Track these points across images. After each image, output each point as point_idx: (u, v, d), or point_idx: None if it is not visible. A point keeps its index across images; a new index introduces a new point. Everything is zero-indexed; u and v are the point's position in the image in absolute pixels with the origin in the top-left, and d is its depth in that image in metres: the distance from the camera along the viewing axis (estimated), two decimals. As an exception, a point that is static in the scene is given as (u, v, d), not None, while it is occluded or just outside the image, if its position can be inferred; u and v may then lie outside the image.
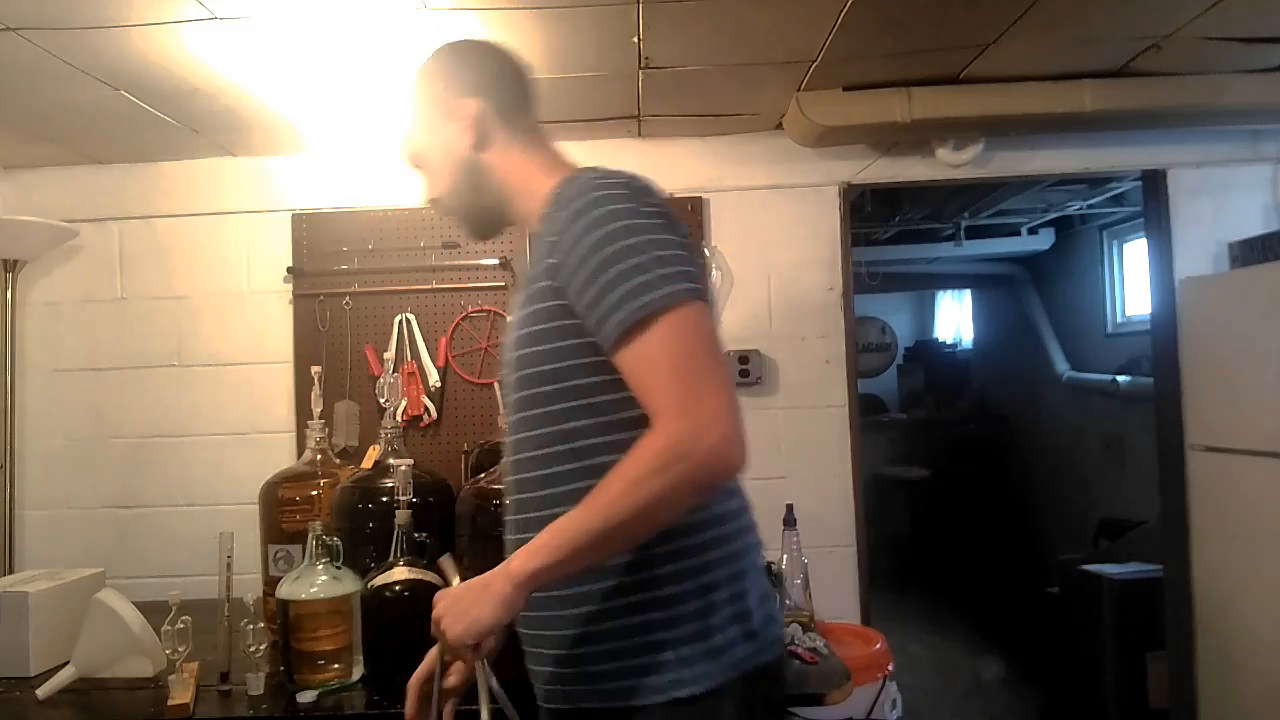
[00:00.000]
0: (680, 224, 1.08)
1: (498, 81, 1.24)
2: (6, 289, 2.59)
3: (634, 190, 1.06)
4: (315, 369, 2.11)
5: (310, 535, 1.67)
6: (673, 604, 1.06)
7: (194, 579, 2.38)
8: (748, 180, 2.60)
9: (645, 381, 1.00)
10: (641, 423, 1.01)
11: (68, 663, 1.71)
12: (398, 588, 1.62)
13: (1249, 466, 2.31)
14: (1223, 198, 2.59)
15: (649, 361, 0.99)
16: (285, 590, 1.64)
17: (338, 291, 2.58)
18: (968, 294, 6.73)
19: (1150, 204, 2.66)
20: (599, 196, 1.04)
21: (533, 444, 1.13)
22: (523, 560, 1.01)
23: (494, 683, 1.14)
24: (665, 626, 1.06)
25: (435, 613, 1.07)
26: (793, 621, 1.92)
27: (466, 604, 1.04)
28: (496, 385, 2.56)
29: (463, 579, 1.15)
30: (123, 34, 1.76)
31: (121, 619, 1.71)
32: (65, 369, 2.62)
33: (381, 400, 1.92)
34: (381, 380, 1.94)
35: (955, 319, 7.17)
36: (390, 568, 1.64)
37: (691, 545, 1.07)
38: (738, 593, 1.09)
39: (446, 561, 1.26)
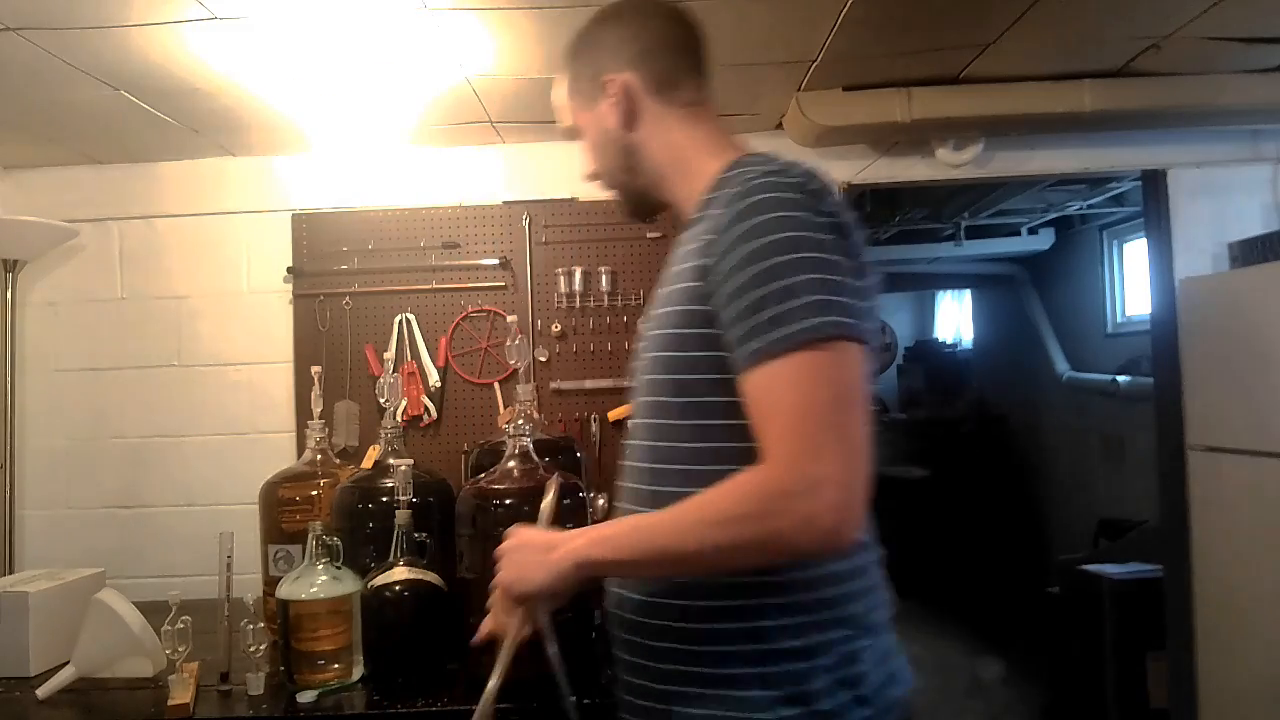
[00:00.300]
0: (853, 238, 0.97)
1: (654, 52, 1.12)
2: (6, 289, 2.59)
3: (808, 195, 0.94)
4: (315, 369, 2.11)
5: (310, 535, 1.67)
6: (772, 661, 0.97)
7: (194, 579, 2.38)
8: (748, 180, 2.60)
9: (765, 419, 0.89)
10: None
11: (68, 663, 1.71)
12: (398, 588, 1.62)
13: (1249, 466, 2.31)
14: (1223, 198, 2.59)
15: (773, 398, 0.88)
16: (285, 590, 1.64)
17: (338, 291, 2.58)
18: (968, 294, 6.74)
19: (1150, 204, 2.66)
20: (766, 199, 0.93)
21: (650, 455, 1.06)
22: (588, 544, 0.97)
23: (553, 646, 1.08)
24: (760, 684, 0.97)
25: (499, 548, 1.03)
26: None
27: (525, 558, 1.00)
28: (497, 385, 2.57)
29: (555, 516, 1.14)
30: (123, 34, 1.76)
31: (121, 619, 1.71)
32: (65, 369, 2.62)
33: (381, 400, 1.92)
34: (381, 380, 1.94)
35: (955, 319, 7.17)
36: (390, 568, 1.64)
37: (807, 602, 0.97)
38: (848, 655, 0.98)
39: (553, 482, 1.22)
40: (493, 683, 1.06)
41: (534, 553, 1.00)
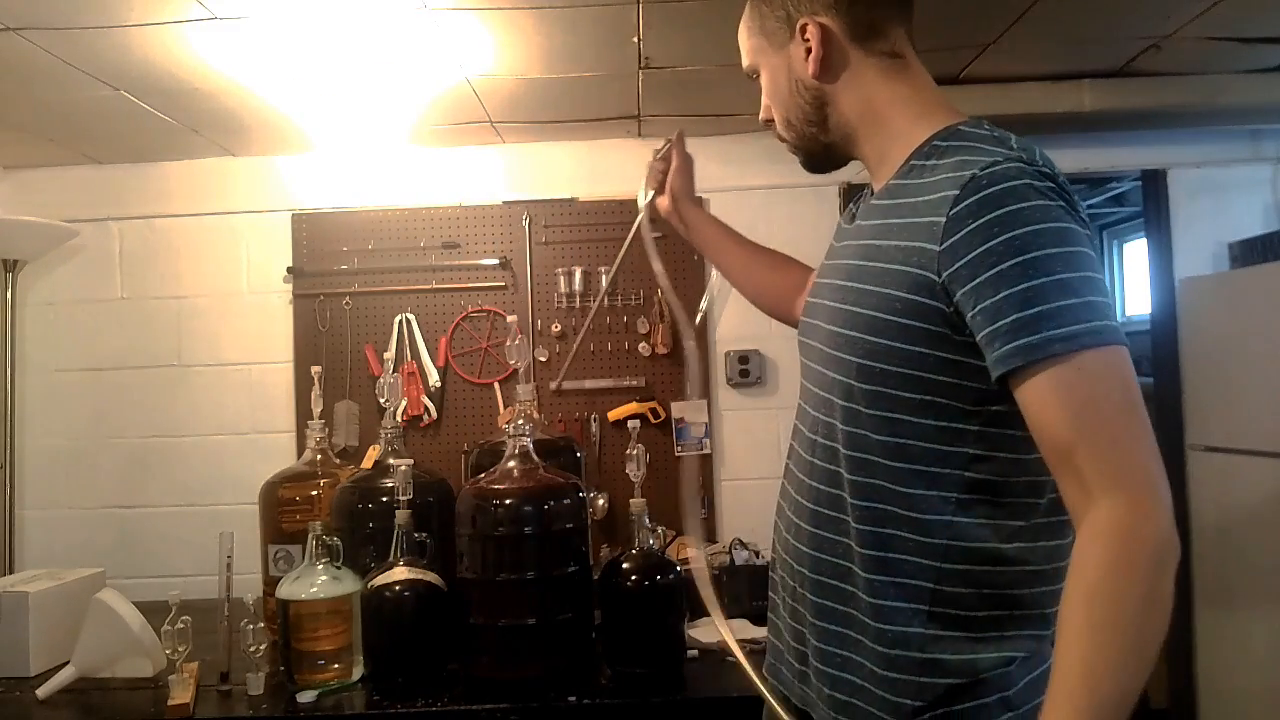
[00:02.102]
0: (1095, 237, 0.90)
1: None
2: (6, 289, 2.59)
3: (1060, 186, 0.87)
4: (315, 369, 2.11)
5: (310, 535, 1.67)
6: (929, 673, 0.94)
7: (194, 579, 2.38)
8: (748, 180, 2.60)
9: (1081, 429, 0.80)
10: (983, 458, 0.89)
11: (68, 663, 1.71)
12: (398, 588, 1.62)
13: (1249, 466, 2.31)
14: (1223, 198, 2.59)
15: (1089, 405, 0.80)
16: (285, 590, 1.64)
17: (338, 291, 2.58)
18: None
19: (1150, 204, 2.66)
20: (1021, 186, 0.85)
21: (827, 432, 0.99)
22: None
23: None
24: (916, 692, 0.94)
25: None
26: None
27: None
28: (497, 385, 2.57)
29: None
30: (123, 34, 1.76)
31: (121, 619, 1.71)
32: (65, 369, 2.62)
33: (381, 400, 1.92)
34: (381, 380, 1.94)
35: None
36: (390, 568, 1.64)
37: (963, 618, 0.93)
38: (1000, 664, 0.92)
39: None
40: None
41: None
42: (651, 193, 1.45)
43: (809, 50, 1.02)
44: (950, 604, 0.92)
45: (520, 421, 1.72)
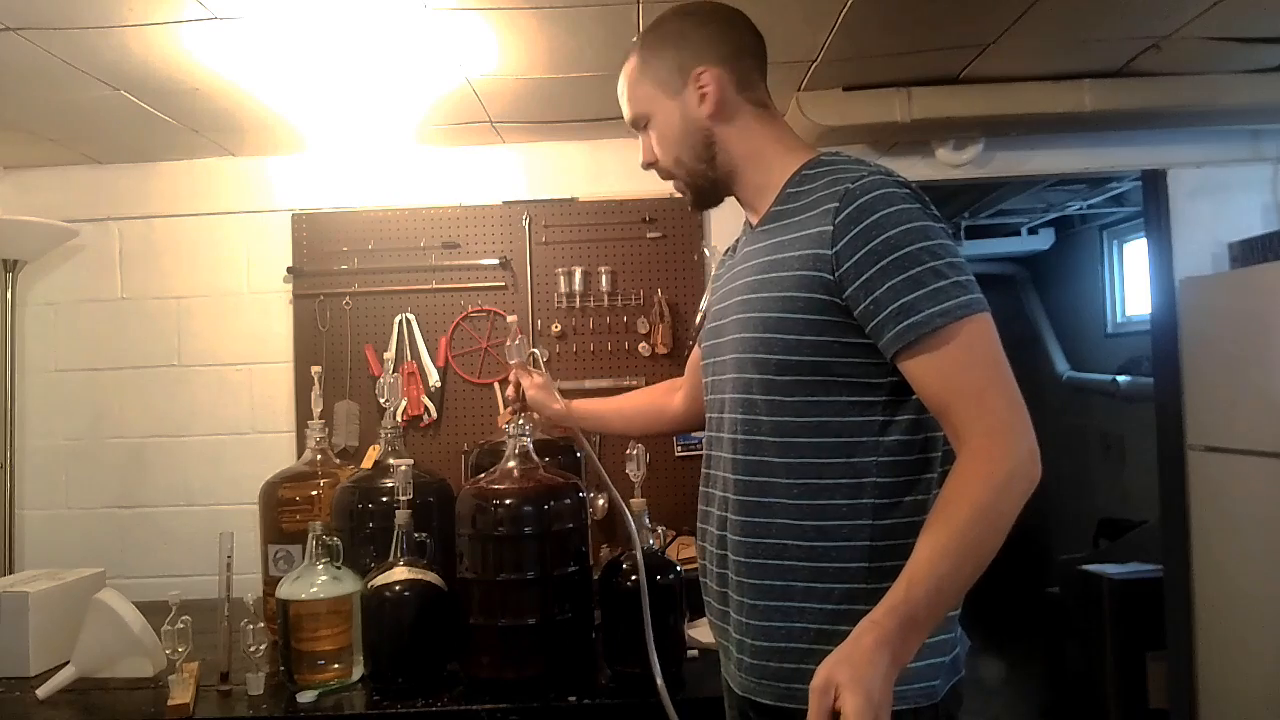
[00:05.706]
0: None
1: (738, 54, 1.19)
2: (6, 289, 2.59)
3: (916, 194, 1.04)
4: (315, 369, 2.11)
5: (310, 535, 1.67)
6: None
7: (194, 579, 2.38)
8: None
9: (953, 389, 0.97)
10: (888, 425, 1.04)
11: (68, 663, 1.71)
12: (398, 588, 1.62)
13: (1249, 466, 2.31)
14: (1223, 198, 2.59)
15: (957, 367, 0.97)
16: (285, 590, 1.64)
17: (338, 291, 2.58)
18: (968, 294, 6.71)
19: (1150, 204, 2.66)
20: (888, 194, 1.02)
21: (750, 427, 1.11)
22: (897, 626, 0.90)
23: None
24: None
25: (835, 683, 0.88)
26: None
27: (862, 676, 0.87)
28: (496, 385, 2.57)
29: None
30: (122, 34, 1.76)
31: (121, 619, 1.71)
32: (65, 369, 2.63)
33: (381, 400, 1.92)
34: (381, 380, 1.94)
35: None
36: (390, 568, 1.64)
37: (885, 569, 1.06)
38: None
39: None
40: None
41: (864, 669, 0.87)
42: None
43: (703, 95, 1.17)
44: (885, 556, 1.04)
45: (520, 421, 1.72)
